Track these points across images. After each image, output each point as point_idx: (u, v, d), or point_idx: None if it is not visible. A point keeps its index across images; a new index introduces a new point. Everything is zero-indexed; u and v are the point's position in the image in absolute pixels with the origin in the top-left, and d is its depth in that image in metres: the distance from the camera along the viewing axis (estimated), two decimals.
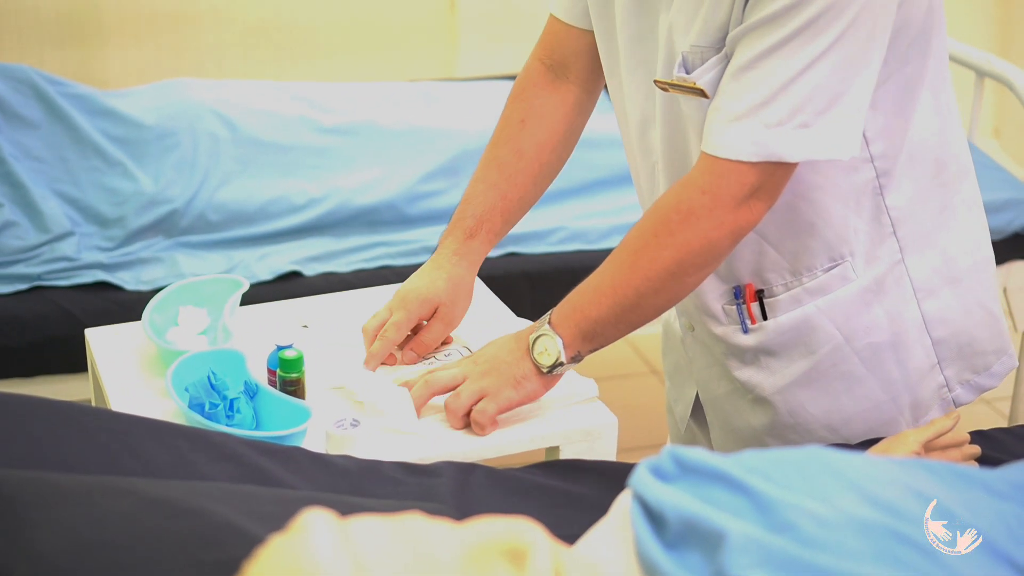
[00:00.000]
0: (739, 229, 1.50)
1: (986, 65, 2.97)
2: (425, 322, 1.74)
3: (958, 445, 1.60)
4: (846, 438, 1.69)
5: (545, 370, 1.58)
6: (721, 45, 1.51)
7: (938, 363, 1.69)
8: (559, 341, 1.56)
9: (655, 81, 1.59)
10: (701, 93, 1.52)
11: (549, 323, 1.57)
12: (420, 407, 1.61)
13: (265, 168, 2.87)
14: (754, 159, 1.46)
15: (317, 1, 3.93)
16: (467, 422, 1.60)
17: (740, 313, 1.68)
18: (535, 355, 1.58)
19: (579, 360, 1.59)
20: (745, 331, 1.68)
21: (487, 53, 4.03)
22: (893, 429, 1.69)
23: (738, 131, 1.46)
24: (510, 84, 3.34)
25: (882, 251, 1.64)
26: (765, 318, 1.67)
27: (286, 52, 3.93)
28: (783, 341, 1.67)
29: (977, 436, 1.69)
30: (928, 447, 1.55)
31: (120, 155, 2.82)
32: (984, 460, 1.61)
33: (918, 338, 1.67)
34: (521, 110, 1.79)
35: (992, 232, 2.88)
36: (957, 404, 1.72)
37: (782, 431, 1.71)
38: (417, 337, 1.73)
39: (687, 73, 1.52)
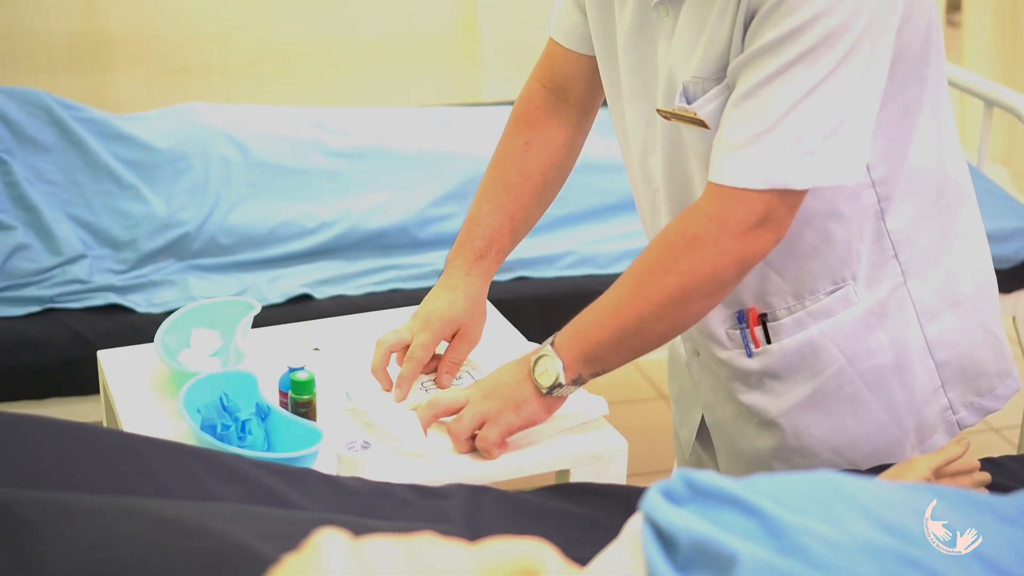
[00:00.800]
0: (745, 258, 1.49)
1: (994, 94, 2.99)
2: (446, 343, 1.75)
3: (968, 472, 1.60)
4: (852, 461, 1.69)
5: (544, 391, 1.58)
6: (721, 76, 1.52)
7: (942, 386, 1.70)
8: (559, 363, 1.56)
9: (657, 110, 1.60)
10: (702, 124, 1.53)
11: (552, 344, 1.58)
12: (426, 428, 1.62)
13: (276, 191, 2.88)
14: (761, 187, 1.46)
15: (329, 24, 3.94)
16: (472, 446, 1.61)
17: (744, 337, 1.68)
18: (535, 376, 1.58)
19: (580, 383, 1.59)
20: (749, 355, 1.69)
21: (509, 77, 4.05)
22: (898, 452, 1.69)
23: (743, 159, 1.46)
24: None
25: (884, 274, 1.64)
26: (769, 342, 1.68)
27: (295, 76, 3.95)
28: (787, 364, 1.67)
29: (987, 463, 1.68)
30: (938, 473, 1.55)
31: (133, 178, 2.83)
32: (994, 487, 1.61)
33: (921, 361, 1.68)
34: (525, 133, 1.81)
35: (1001, 261, 2.89)
36: (962, 426, 1.73)
37: (788, 455, 1.71)
38: (444, 357, 1.75)
39: (688, 103, 1.53)
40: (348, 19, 3.93)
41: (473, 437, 1.60)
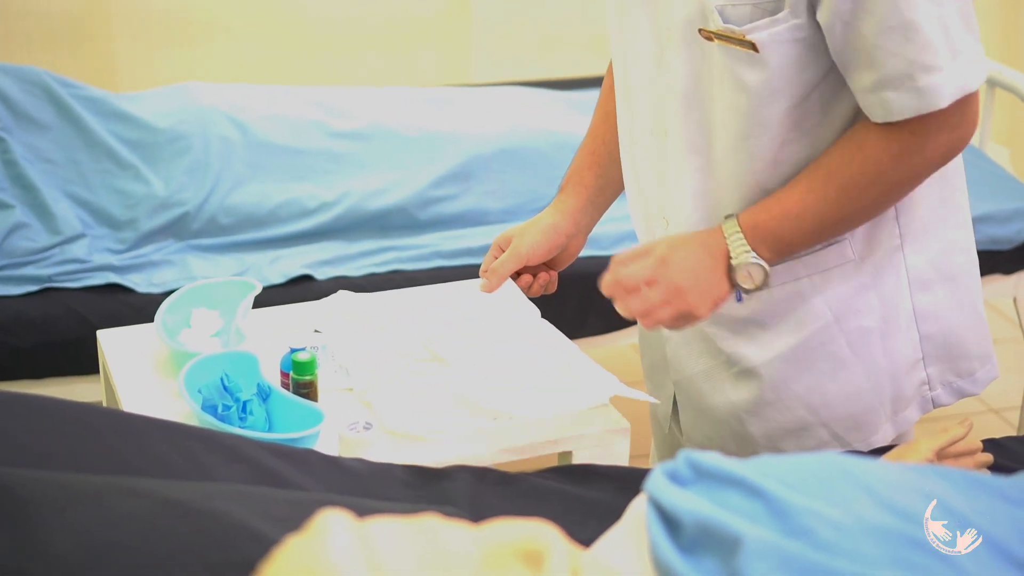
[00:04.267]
0: (949, 157, 1.54)
1: (997, 75, 2.97)
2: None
3: (971, 453, 1.59)
4: (825, 421, 1.68)
5: (745, 293, 1.57)
6: (773, 6, 1.49)
7: (923, 359, 1.69)
8: (765, 265, 1.55)
9: (700, 31, 1.55)
10: (752, 47, 1.50)
11: (750, 247, 1.55)
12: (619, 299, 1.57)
13: (277, 172, 2.87)
14: (945, 104, 1.47)
15: (327, 4, 3.93)
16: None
17: None
18: (738, 279, 1.55)
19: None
20: (739, 299, 1.67)
21: (499, 59, 4.04)
22: (872, 419, 1.68)
23: (912, 88, 1.47)
24: (522, 90, 3.37)
25: (883, 235, 1.63)
26: None
27: (296, 55, 3.93)
28: (774, 312, 1.66)
29: (989, 445, 1.68)
30: (941, 455, 1.55)
31: (132, 158, 2.82)
32: (996, 468, 1.61)
33: (906, 329, 1.67)
34: (610, 78, 1.84)
35: (1002, 241, 2.89)
36: (935, 404, 1.72)
37: (761, 408, 1.70)
38: (491, 267, 1.80)
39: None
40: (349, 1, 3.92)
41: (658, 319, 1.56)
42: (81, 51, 3.73)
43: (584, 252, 2.74)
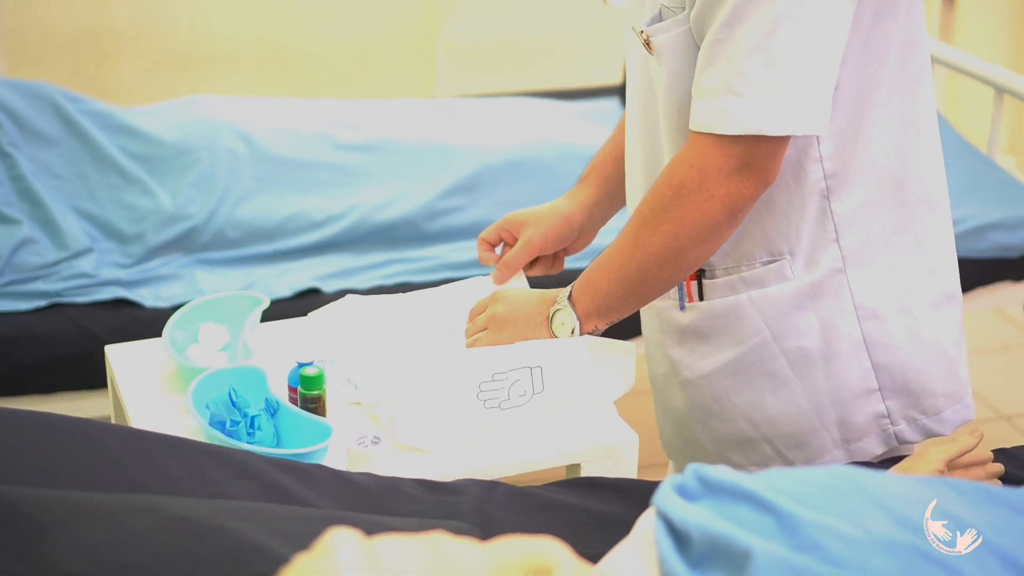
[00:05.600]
0: (732, 202, 1.51)
1: (1005, 82, 2.97)
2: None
3: (981, 463, 1.59)
4: (768, 437, 1.68)
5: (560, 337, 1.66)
6: (682, 7, 1.53)
7: (879, 390, 1.65)
8: (575, 317, 1.63)
9: (632, 27, 1.61)
10: (647, 45, 1.56)
11: (569, 297, 1.64)
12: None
13: (284, 185, 2.88)
14: (735, 132, 1.47)
15: (327, 24, 3.94)
16: None
17: (679, 288, 1.68)
18: (553, 327, 1.66)
19: (596, 334, 1.66)
20: (682, 308, 1.69)
21: (501, 70, 4.05)
22: (816, 440, 1.67)
23: (716, 105, 1.47)
24: (528, 101, 3.37)
25: (823, 256, 1.61)
26: (701, 299, 1.67)
27: (296, 69, 3.95)
28: (713, 325, 1.67)
29: (1000, 454, 1.67)
30: (951, 465, 1.54)
31: (139, 172, 2.82)
32: (1007, 478, 1.60)
33: (853, 356, 1.64)
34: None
35: (1011, 249, 2.88)
36: (900, 440, 1.68)
37: (707, 417, 1.71)
38: (502, 257, 1.84)
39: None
40: (348, 16, 3.93)
41: None
42: (88, 73, 3.75)
43: (584, 263, 2.76)
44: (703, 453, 1.73)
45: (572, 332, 1.63)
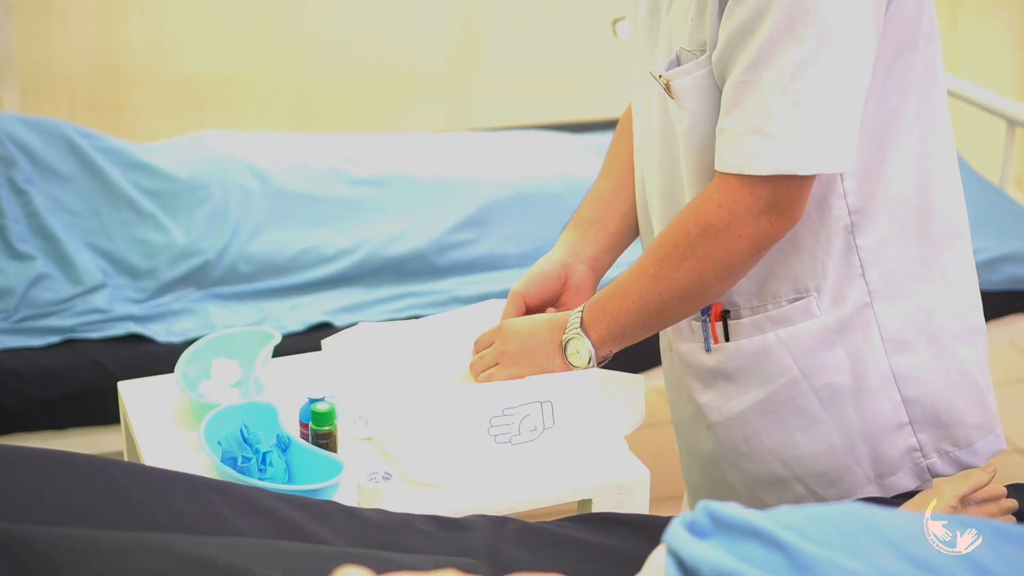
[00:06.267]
0: (759, 242, 1.53)
1: (1018, 114, 2.97)
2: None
3: (995, 499, 1.58)
4: (800, 476, 1.67)
5: (576, 368, 1.65)
6: (702, 50, 1.53)
7: (910, 423, 1.65)
8: (589, 344, 1.63)
9: (650, 72, 1.62)
10: (667, 90, 1.56)
11: (580, 325, 1.63)
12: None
13: (296, 219, 2.89)
14: (764, 172, 1.48)
15: (342, 60, 3.96)
16: None
17: (704, 330, 1.68)
18: (568, 356, 1.65)
19: (609, 358, 1.66)
20: (707, 349, 1.68)
21: (507, 103, 4.06)
22: (848, 476, 1.66)
23: (744, 147, 1.48)
24: (537, 133, 3.38)
25: (850, 292, 1.61)
26: (728, 339, 1.67)
27: (309, 110, 3.96)
28: (741, 366, 1.66)
29: (1014, 490, 1.66)
30: (964, 501, 1.54)
31: (152, 207, 2.84)
32: (1022, 514, 1.59)
33: (883, 390, 1.63)
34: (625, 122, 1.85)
35: (1023, 282, 2.87)
36: (933, 474, 1.67)
37: (737, 459, 1.70)
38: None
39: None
40: (356, 51, 3.95)
41: None
42: (102, 109, 3.77)
43: None
44: (733, 495, 1.71)
45: (589, 359, 1.63)
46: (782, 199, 1.50)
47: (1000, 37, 4.09)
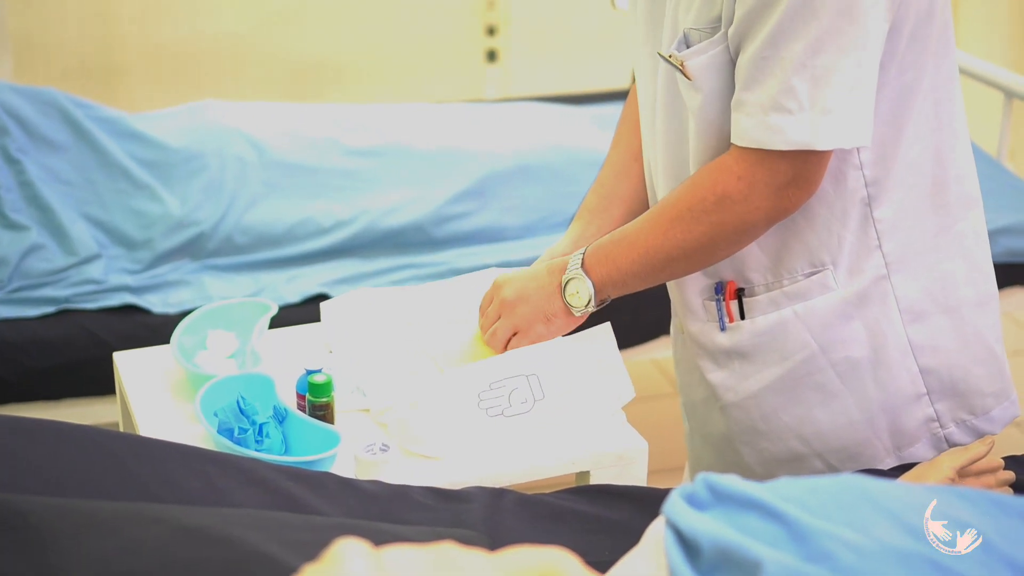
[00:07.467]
0: (775, 214, 1.53)
1: (1015, 86, 2.96)
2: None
3: (992, 471, 1.58)
4: (819, 452, 1.67)
5: (576, 312, 1.65)
6: (716, 28, 1.52)
7: (927, 394, 1.65)
8: (590, 285, 1.62)
9: (658, 53, 1.61)
10: (683, 72, 1.54)
11: (581, 266, 1.63)
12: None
13: (293, 190, 2.87)
14: (785, 147, 1.47)
15: (342, 32, 3.94)
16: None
17: (719, 309, 1.68)
18: (567, 296, 1.65)
19: (606, 303, 1.66)
20: (723, 328, 1.68)
21: (524, 75, 4.05)
22: (868, 450, 1.66)
23: (765, 121, 1.47)
24: (538, 105, 3.37)
25: (867, 264, 1.61)
26: (743, 318, 1.66)
27: (308, 81, 3.95)
28: (757, 343, 1.66)
29: (1011, 461, 1.66)
30: (962, 473, 1.54)
31: (147, 178, 2.82)
32: (1019, 486, 1.60)
33: (901, 361, 1.63)
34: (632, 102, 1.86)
35: (1020, 255, 2.86)
36: (950, 443, 1.67)
37: (754, 438, 1.70)
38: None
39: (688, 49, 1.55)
40: (362, 22, 3.93)
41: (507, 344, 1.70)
42: (97, 79, 3.75)
43: None
44: (749, 475, 1.70)
45: (588, 300, 1.63)
46: (801, 174, 1.50)
47: (998, 9, 4.07)
